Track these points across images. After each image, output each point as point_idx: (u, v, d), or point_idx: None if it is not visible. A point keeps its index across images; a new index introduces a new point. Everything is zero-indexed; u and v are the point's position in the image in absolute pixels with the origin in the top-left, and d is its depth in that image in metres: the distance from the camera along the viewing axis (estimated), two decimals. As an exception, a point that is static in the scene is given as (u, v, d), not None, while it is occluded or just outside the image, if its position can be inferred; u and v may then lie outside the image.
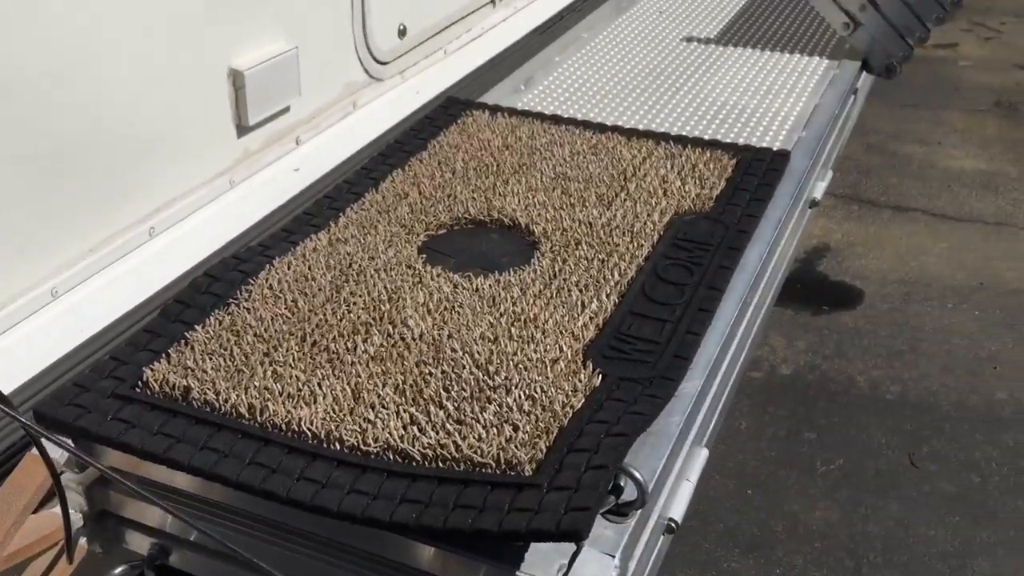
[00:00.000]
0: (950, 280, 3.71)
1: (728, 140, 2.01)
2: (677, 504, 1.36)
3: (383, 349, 1.38)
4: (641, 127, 2.06)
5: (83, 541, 1.33)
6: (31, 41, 1.54)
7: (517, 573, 1.10)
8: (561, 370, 1.33)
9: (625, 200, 1.76)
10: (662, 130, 2.05)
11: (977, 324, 3.48)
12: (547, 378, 1.31)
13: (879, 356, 3.36)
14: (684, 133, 2.04)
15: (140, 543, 1.35)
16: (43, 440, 1.28)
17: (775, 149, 1.96)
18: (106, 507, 1.34)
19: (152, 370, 1.35)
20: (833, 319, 3.55)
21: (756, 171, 1.87)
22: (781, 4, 2.85)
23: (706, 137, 2.02)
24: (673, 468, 1.33)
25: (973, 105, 5.01)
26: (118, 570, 1.32)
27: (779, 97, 2.24)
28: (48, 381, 1.53)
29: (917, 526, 2.72)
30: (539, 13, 2.98)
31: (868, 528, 2.72)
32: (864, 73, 2.42)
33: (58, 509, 1.30)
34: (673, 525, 1.35)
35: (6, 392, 1.32)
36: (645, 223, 1.70)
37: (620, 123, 2.08)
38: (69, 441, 1.22)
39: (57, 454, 1.26)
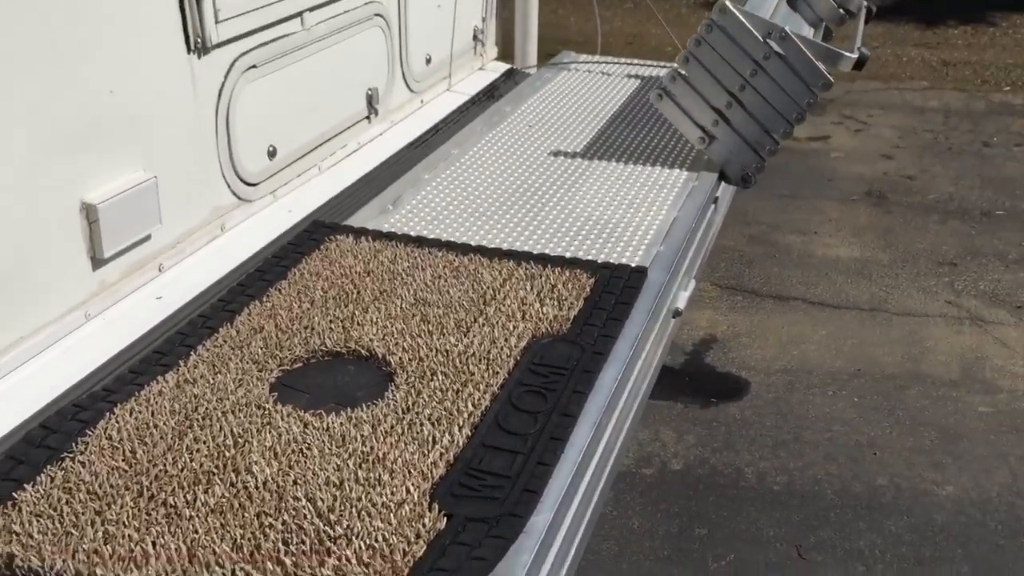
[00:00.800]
0: (830, 367, 3.84)
1: (589, 257, 2.06)
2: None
3: (224, 500, 1.34)
4: (505, 246, 2.10)
5: None
6: None
7: None
8: (405, 515, 1.31)
9: (483, 325, 1.78)
10: (525, 249, 2.09)
11: (856, 411, 3.58)
12: (390, 524, 1.29)
13: (765, 447, 3.42)
14: (547, 251, 2.08)
15: None
16: None
17: (633, 266, 2.01)
18: None
19: (-27, 538, 1.28)
20: (721, 411, 3.62)
21: (614, 289, 1.92)
22: (646, 116, 2.97)
23: (567, 255, 2.06)
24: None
25: (846, 195, 5.27)
26: None
27: (640, 210, 2.31)
28: None
29: (806, 620, 2.74)
30: (414, 128, 3.04)
31: (760, 626, 2.73)
32: (722, 183, 2.52)
33: None
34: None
35: None
36: (502, 349, 1.71)
37: (484, 243, 2.11)
38: None
39: None
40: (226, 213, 2.38)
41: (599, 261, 2.03)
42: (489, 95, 3.35)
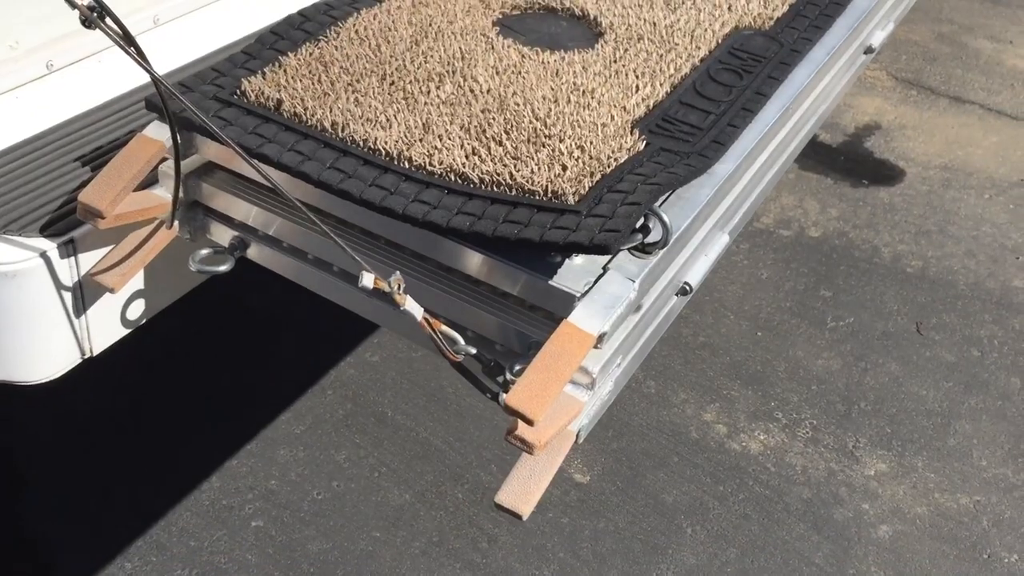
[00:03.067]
0: (992, 172, 3.78)
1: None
2: (694, 272, 1.53)
3: (453, 96, 1.53)
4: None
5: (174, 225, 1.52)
6: None
7: (550, 282, 1.29)
8: (610, 133, 1.48)
9: (691, 8, 1.87)
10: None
11: (1009, 216, 3.56)
12: (597, 135, 1.46)
13: (907, 232, 3.47)
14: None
15: (222, 235, 1.55)
16: (156, 122, 1.46)
17: (841, -16, 2.03)
18: (197, 198, 1.53)
19: (249, 82, 1.51)
20: (870, 193, 3.65)
21: (819, 1, 1.96)
22: None
23: (778, -35, 2.08)
24: (695, 235, 1.49)
25: (1055, 9, 4.92)
26: (204, 252, 1.52)
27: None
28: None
29: (911, 385, 2.90)
30: None
31: (865, 380, 2.91)
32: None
33: (156, 190, 1.50)
34: (687, 288, 1.52)
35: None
36: (706, 30, 1.80)
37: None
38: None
39: (164, 138, 1.44)
40: None
41: (809, -24, 2.05)
42: None
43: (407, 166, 1.39)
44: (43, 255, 1.41)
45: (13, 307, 1.41)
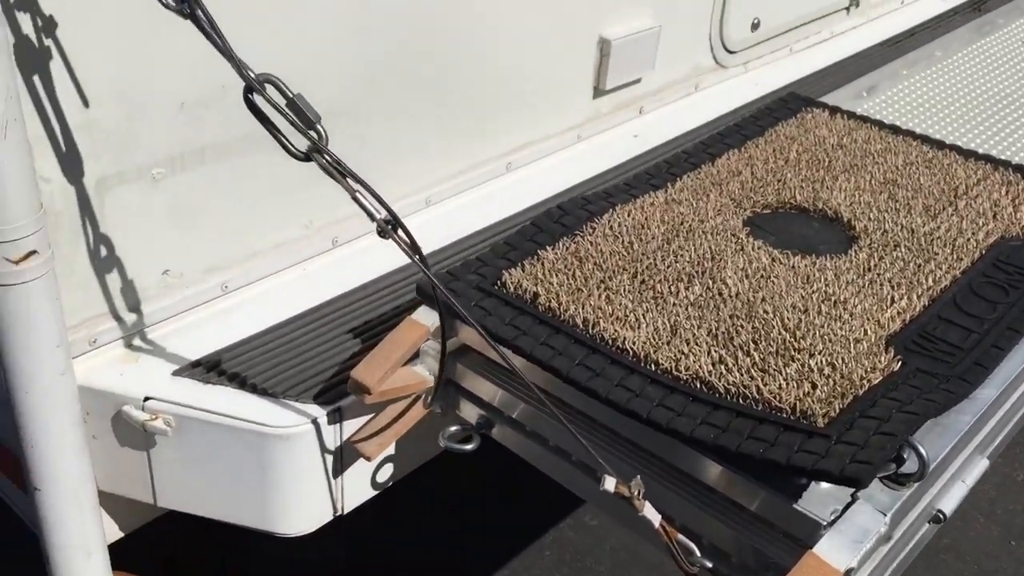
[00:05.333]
0: None
1: (1072, 178, 1.98)
2: (949, 499, 1.44)
3: (702, 298, 1.57)
4: (981, 150, 2.08)
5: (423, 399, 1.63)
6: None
7: (794, 506, 1.25)
8: (863, 350, 1.45)
9: (952, 215, 1.82)
10: (1003, 156, 2.06)
11: None
12: (848, 352, 1.44)
13: None
14: (1026, 163, 2.03)
15: (470, 412, 1.64)
16: (422, 307, 1.59)
17: (1124, 194, 1.91)
18: (451, 376, 1.64)
19: (509, 274, 1.62)
20: None
21: (1097, 212, 1.85)
22: None
23: (1049, 171, 2.00)
24: (953, 463, 1.41)
25: None
26: (452, 429, 1.61)
27: None
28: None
29: None
30: (892, 25, 3.01)
31: None
32: None
33: (416, 367, 1.62)
34: (941, 516, 1.43)
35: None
36: (969, 240, 1.75)
37: (959, 143, 2.11)
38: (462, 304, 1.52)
39: (429, 323, 1.57)
40: (703, 74, 2.58)
41: (1085, 183, 1.95)
42: (975, 7, 3.19)
43: (654, 369, 1.43)
44: (314, 421, 1.55)
45: (283, 466, 1.55)
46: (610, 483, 1.26)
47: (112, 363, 1.63)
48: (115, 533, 1.71)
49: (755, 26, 2.63)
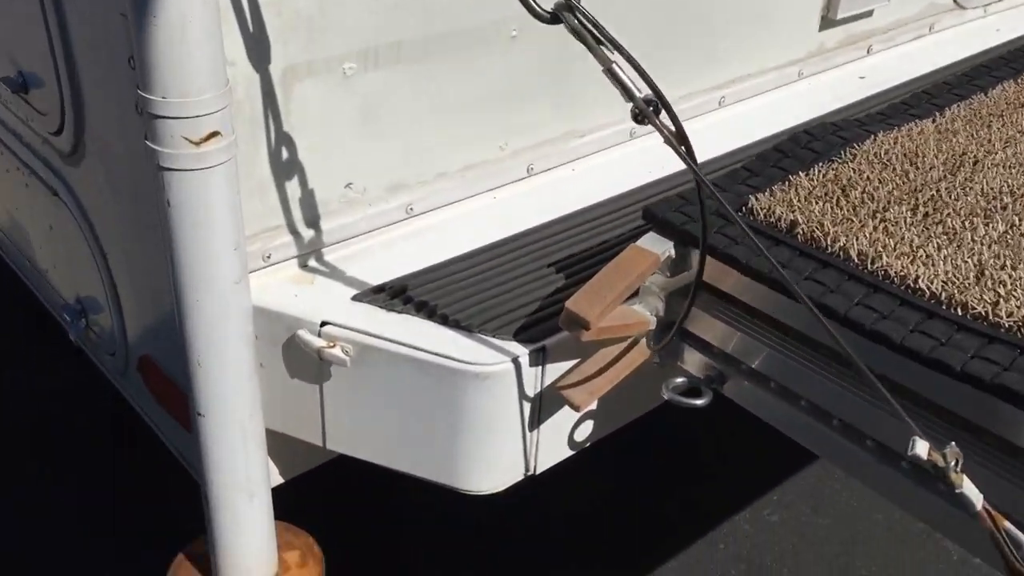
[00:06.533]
0: None
1: None
2: None
3: (1008, 235, 1.25)
4: None
5: (643, 343, 1.36)
6: None
7: None
8: None
9: None
10: None
11: None
12: None
13: None
14: None
15: (695, 363, 1.36)
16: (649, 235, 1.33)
17: None
18: (675, 319, 1.36)
19: (757, 199, 1.34)
20: None
21: None
22: None
23: None
24: None
25: None
26: (679, 380, 1.34)
27: None
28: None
29: None
30: None
31: None
32: None
33: (636, 305, 1.35)
34: None
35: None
36: None
37: None
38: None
39: (660, 251, 1.30)
40: (939, 14, 2.23)
41: None
42: None
43: (961, 313, 1.12)
44: (515, 360, 1.30)
45: (476, 412, 1.31)
46: (922, 447, 0.96)
47: (286, 283, 1.43)
48: (276, 478, 1.50)
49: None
